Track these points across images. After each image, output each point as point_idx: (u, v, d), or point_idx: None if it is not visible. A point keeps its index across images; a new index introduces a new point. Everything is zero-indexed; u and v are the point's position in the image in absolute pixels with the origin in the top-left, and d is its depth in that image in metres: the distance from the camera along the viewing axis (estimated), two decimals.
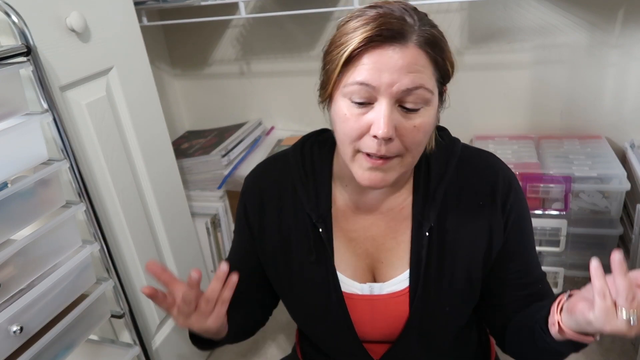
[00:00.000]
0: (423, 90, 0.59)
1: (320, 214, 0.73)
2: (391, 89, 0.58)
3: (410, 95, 0.59)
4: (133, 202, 1.16)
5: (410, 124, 0.61)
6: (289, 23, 1.65)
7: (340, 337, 0.76)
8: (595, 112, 1.51)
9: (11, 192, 0.79)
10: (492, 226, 0.71)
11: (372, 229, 0.74)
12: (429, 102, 0.61)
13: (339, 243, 0.75)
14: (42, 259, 0.87)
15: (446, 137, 0.76)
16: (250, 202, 0.80)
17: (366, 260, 0.75)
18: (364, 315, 0.74)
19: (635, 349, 1.32)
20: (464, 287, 0.72)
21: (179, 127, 1.94)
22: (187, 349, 1.40)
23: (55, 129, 0.88)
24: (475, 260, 0.72)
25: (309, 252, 0.74)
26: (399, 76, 0.58)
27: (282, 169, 0.78)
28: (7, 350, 0.80)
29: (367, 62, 0.58)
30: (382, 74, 0.58)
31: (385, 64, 0.57)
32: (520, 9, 1.44)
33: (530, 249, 0.76)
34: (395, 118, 0.60)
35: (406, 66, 0.57)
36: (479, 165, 0.74)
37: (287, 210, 0.76)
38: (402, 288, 0.72)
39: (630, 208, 1.38)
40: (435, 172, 0.72)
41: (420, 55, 0.58)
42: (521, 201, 0.74)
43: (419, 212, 0.71)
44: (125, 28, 1.12)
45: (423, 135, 0.63)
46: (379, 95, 0.59)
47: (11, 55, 0.80)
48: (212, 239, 1.55)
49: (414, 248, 0.71)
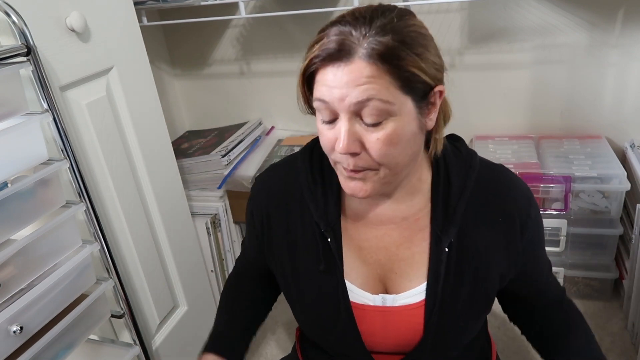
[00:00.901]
0: (376, 102, 0.58)
1: (328, 223, 0.72)
2: (343, 103, 0.58)
3: (365, 108, 0.58)
4: (133, 202, 1.16)
5: (373, 137, 0.60)
6: (289, 23, 1.65)
7: (348, 348, 0.75)
8: (595, 112, 1.51)
9: (11, 192, 0.79)
10: (509, 244, 0.71)
11: (384, 239, 0.73)
12: (390, 112, 0.59)
13: (348, 252, 0.73)
14: (42, 259, 0.87)
15: (463, 148, 0.74)
16: (257, 209, 0.79)
17: (378, 270, 0.73)
18: (374, 327, 0.73)
19: (635, 349, 1.32)
20: (479, 303, 0.72)
21: (179, 127, 1.94)
22: (187, 349, 1.40)
23: (55, 129, 0.88)
24: (493, 277, 0.71)
25: (317, 261, 0.73)
26: (347, 90, 0.57)
27: (290, 174, 0.77)
28: (7, 350, 0.80)
29: (320, 80, 0.60)
30: (332, 90, 0.58)
31: (332, 80, 0.58)
32: (520, 9, 1.44)
33: (545, 265, 0.79)
34: (358, 132, 0.60)
35: (353, 80, 0.57)
36: (498, 180, 0.72)
37: (294, 217, 0.75)
38: (417, 301, 0.71)
39: (630, 208, 1.38)
40: (456, 186, 0.70)
41: (367, 68, 0.57)
42: (538, 219, 0.73)
43: (438, 227, 0.70)
44: (125, 28, 1.12)
45: (392, 147, 0.60)
46: (338, 111, 0.60)
47: (11, 55, 0.80)
48: (212, 239, 1.55)
49: (433, 263, 0.70)
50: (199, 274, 1.44)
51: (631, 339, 1.35)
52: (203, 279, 1.47)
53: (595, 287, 1.47)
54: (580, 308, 0.83)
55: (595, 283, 1.46)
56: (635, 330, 1.33)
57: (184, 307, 1.38)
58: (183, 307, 1.38)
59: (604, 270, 1.43)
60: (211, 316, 1.52)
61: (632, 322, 1.35)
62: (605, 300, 1.48)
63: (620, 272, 1.44)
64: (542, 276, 0.79)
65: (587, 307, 1.47)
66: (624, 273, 1.42)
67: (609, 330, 1.39)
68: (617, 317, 1.43)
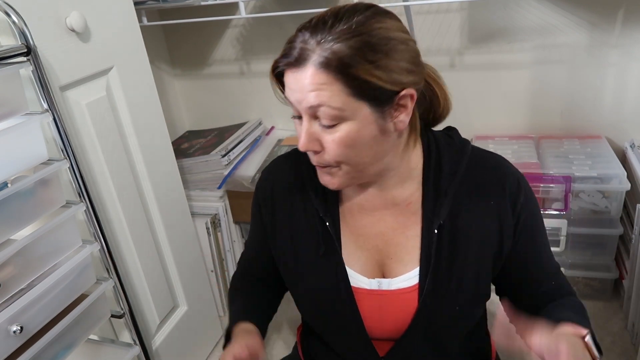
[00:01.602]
0: (326, 108, 0.61)
1: (327, 209, 0.75)
2: (300, 105, 0.63)
3: (318, 112, 0.62)
4: (133, 201, 1.16)
5: (329, 139, 0.64)
6: (289, 23, 1.65)
7: (348, 332, 0.77)
8: (595, 112, 1.51)
9: (11, 192, 0.79)
10: (502, 226, 0.72)
11: (379, 225, 0.75)
12: (342, 117, 0.62)
13: (346, 239, 0.76)
14: (42, 259, 0.87)
15: (456, 136, 0.76)
16: (262, 197, 0.82)
17: (375, 255, 0.75)
18: (372, 311, 0.75)
19: (635, 349, 1.32)
20: (473, 286, 0.73)
21: (179, 127, 1.94)
22: (187, 349, 1.40)
23: (55, 129, 0.88)
24: (486, 259, 0.73)
25: (317, 245, 0.75)
26: (302, 94, 0.62)
27: (294, 164, 0.80)
28: (7, 350, 0.80)
29: (285, 81, 0.65)
30: (293, 93, 0.63)
31: (292, 83, 0.63)
32: (520, 9, 1.44)
33: (542, 248, 0.77)
34: (316, 132, 0.64)
35: (306, 86, 0.61)
36: (489, 165, 0.75)
37: (297, 205, 0.78)
38: (411, 285, 0.73)
39: (630, 208, 1.38)
40: (447, 171, 0.72)
41: (318, 75, 0.60)
42: (531, 202, 0.74)
43: (430, 209, 0.72)
44: (125, 28, 1.12)
45: (347, 149, 0.64)
46: (300, 111, 0.64)
47: (11, 55, 0.80)
48: (212, 239, 1.55)
49: (424, 245, 0.72)
50: (199, 274, 1.44)
51: (631, 339, 1.35)
52: (203, 279, 1.47)
53: (595, 287, 1.47)
54: None
55: (595, 283, 1.46)
56: (635, 330, 1.33)
57: (184, 307, 1.38)
58: (183, 307, 1.38)
59: (604, 270, 1.43)
60: (211, 316, 1.52)
61: (632, 322, 1.35)
62: (605, 300, 1.48)
63: (620, 272, 1.44)
64: (539, 259, 0.77)
65: (587, 307, 1.45)
66: (624, 273, 1.42)
67: (609, 330, 1.39)
68: (617, 317, 1.43)
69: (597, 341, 0.64)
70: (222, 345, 0.80)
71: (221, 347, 1.53)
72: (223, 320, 1.62)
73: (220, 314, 1.64)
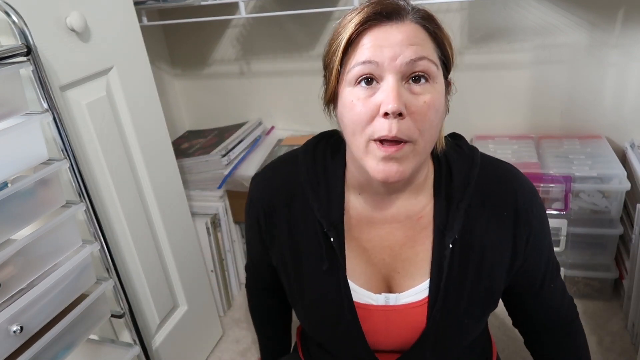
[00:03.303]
0: (427, 62, 0.59)
1: (331, 222, 0.71)
2: (395, 62, 0.58)
3: (416, 68, 0.59)
4: (133, 201, 1.16)
5: (420, 100, 0.59)
6: (289, 23, 1.65)
7: (351, 347, 0.75)
8: (595, 112, 1.51)
9: (11, 192, 0.79)
10: (515, 239, 0.71)
11: (388, 238, 0.72)
12: (434, 77, 0.61)
13: (351, 252, 0.73)
14: (42, 259, 0.87)
15: (464, 145, 0.74)
16: (259, 211, 0.77)
17: (382, 270, 0.73)
18: (377, 326, 0.73)
19: (635, 349, 1.32)
20: (484, 300, 0.72)
21: (179, 127, 1.94)
22: (187, 349, 1.40)
23: (55, 128, 0.88)
24: (498, 273, 0.71)
25: (320, 260, 0.72)
26: (401, 49, 0.58)
27: (292, 172, 0.75)
28: (7, 350, 0.80)
29: (367, 42, 0.59)
30: (383, 49, 0.58)
31: (385, 39, 0.59)
32: (520, 9, 1.44)
33: (549, 264, 0.77)
34: (404, 95, 0.59)
35: (406, 39, 0.59)
36: (500, 176, 0.72)
37: (296, 215, 0.74)
38: (420, 299, 0.71)
39: (630, 208, 1.38)
40: (458, 182, 0.70)
41: (418, 30, 0.60)
42: (542, 216, 0.73)
43: (442, 223, 0.69)
44: (125, 28, 1.12)
45: (434, 114, 0.61)
46: (384, 72, 0.59)
47: (11, 55, 0.80)
48: (212, 239, 1.55)
49: (436, 259, 0.70)
50: (199, 274, 1.44)
51: (631, 339, 1.35)
52: (203, 279, 1.47)
53: (595, 287, 1.47)
54: (580, 308, 0.83)
55: (595, 283, 1.46)
56: (635, 330, 1.33)
57: (184, 307, 1.38)
58: (183, 307, 1.38)
59: (604, 270, 1.43)
60: (211, 316, 1.52)
61: (632, 322, 1.35)
62: (605, 300, 1.48)
63: (620, 272, 1.44)
64: (541, 272, 0.76)
65: (587, 307, 1.47)
66: (624, 273, 1.42)
67: (609, 330, 1.39)
68: (617, 317, 1.43)
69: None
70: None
71: (221, 347, 1.53)
72: (223, 320, 1.62)
73: (220, 314, 1.64)
